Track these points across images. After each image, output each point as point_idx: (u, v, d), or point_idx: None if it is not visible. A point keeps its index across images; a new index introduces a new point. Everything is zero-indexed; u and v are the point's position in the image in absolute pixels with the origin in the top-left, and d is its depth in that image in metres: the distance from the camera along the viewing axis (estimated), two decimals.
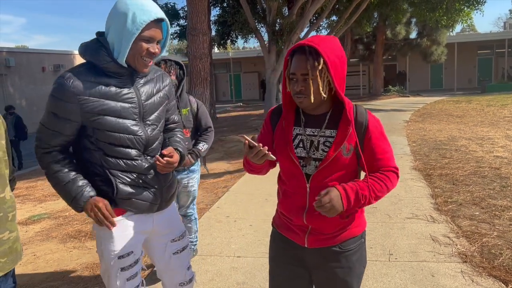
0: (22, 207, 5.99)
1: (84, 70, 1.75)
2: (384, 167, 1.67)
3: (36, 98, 22.03)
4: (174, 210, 2.16)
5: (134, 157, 1.85)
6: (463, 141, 8.85)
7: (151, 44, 1.75)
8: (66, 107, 1.72)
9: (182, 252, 2.12)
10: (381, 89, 26.90)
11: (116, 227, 1.87)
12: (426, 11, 15.81)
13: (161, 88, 1.97)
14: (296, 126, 1.72)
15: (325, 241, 1.71)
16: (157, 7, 1.74)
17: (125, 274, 1.91)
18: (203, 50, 10.30)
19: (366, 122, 1.66)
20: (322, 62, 1.55)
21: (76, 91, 1.70)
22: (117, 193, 1.85)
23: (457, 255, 3.50)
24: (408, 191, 5.44)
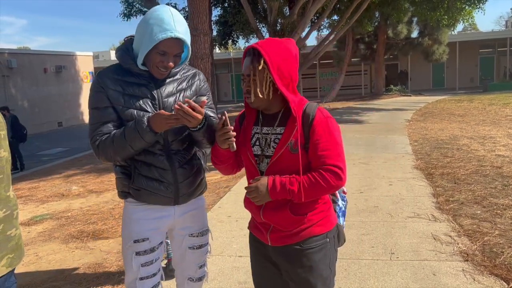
0: (24, 208, 6.01)
1: (112, 68, 1.98)
2: (324, 165, 1.63)
3: (38, 100, 22.08)
4: (200, 206, 2.20)
5: (154, 150, 1.95)
6: (464, 140, 8.84)
7: (165, 57, 1.87)
8: (101, 97, 1.91)
9: (199, 249, 2.17)
10: (383, 88, 26.86)
11: (136, 212, 2.01)
12: (427, 10, 15.78)
13: (187, 86, 2.05)
14: (255, 125, 1.81)
15: (286, 239, 1.73)
16: (178, 24, 1.83)
17: (140, 259, 1.99)
18: (204, 50, 10.31)
19: (312, 118, 1.66)
20: (263, 63, 1.61)
21: (102, 84, 1.92)
22: (133, 182, 1.97)
23: (458, 254, 3.50)
24: (409, 190, 5.44)
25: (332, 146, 1.65)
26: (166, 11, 1.86)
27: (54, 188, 7.24)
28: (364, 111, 17.19)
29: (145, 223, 2.01)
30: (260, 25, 15.94)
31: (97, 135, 1.91)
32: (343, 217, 1.90)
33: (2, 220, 1.47)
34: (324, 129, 1.66)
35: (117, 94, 1.91)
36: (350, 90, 30.61)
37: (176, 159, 1.99)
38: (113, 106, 1.92)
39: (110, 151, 1.88)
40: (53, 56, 23.65)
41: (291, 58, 1.66)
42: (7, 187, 1.51)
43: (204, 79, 2.16)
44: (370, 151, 8.34)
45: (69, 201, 6.21)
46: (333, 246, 1.78)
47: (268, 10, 14.32)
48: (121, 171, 2.02)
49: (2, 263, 1.46)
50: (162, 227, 2.07)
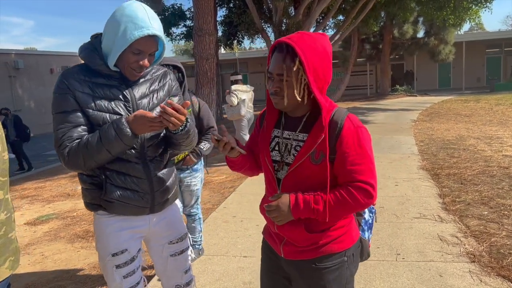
0: (30, 208, 6.04)
1: (78, 69, 1.82)
2: (353, 181, 1.48)
3: (45, 100, 22.20)
4: (174, 212, 2.11)
5: (130, 158, 1.84)
6: (471, 140, 8.77)
7: (140, 56, 1.76)
8: (67, 99, 1.76)
9: (180, 255, 2.09)
10: (389, 88, 26.76)
11: (110, 224, 1.90)
12: (434, 10, 15.71)
13: (159, 87, 1.95)
14: (276, 127, 1.66)
15: (299, 254, 1.60)
16: (153, 21, 1.73)
17: (121, 271, 1.91)
18: (210, 50, 10.34)
19: (340, 127, 1.48)
20: (298, 63, 1.44)
21: (68, 85, 1.76)
22: (105, 193, 1.84)
23: (465, 255, 3.47)
24: (415, 190, 5.41)
25: (363, 160, 1.48)
26: (139, 7, 1.73)
27: (60, 188, 7.27)
28: (369, 111, 17.13)
29: (120, 235, 1.91)
30: (265, 25, 15.94)
31: (66, 141, 1.74)
32: (369, 230, 1.75)
33: (4, 222, 1.45)
34: (354, 140, 1.48)
35: (86, 96, 1.76)
36: (356, 90, 30.52)
37: (152, 167, 1.89)
38: (82, 110, 1.77)
39: (82, 158, 1.72)
40: (59, 56, 23.81)
41: (327, 57, 1.48)
42: (6, 190, 1.50)
43: (174, 79, 2.05)
44: (376, 151, 8.25)
45: (75, 201, 6.23)
46: (351, 264, 1.62)
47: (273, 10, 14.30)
48: (90, 181, 1.87)
49: (5, 265, 1.44)
50: (138, 235, 1.99)
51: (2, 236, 1.44)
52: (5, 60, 20.14)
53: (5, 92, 19.87)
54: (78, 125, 1.76)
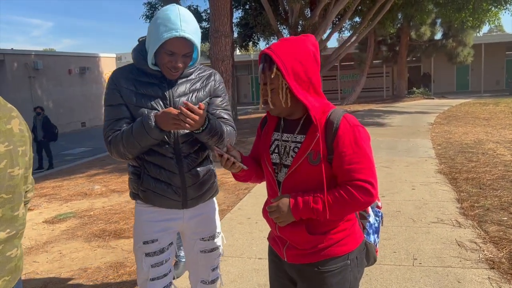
0: (48, 206, 6.14)
1: (127, 68, 2.00)
2: (351, 180, 1.47)
3: (63, 100, 22.59)
4: (211, 210, 2.17)
5: (165, 153, 1.93)
6: (490, 144, 8.62)
7: (173, 57, 1.84)
8: (114, 94, 1.93)
9: (210, 252, 2.16)
10: (405, 91, 26.50)
11: (145, 213, 2.02)
12: (452, 12, 15.50)
13: (201, 87, 2.02)
14: (276, 131, 1.69)
15: (302, 258, 1.59)
16: (185, 23, 1.79)
17: (149, 260, 2.00)
18: (225, 52, 10.37)
19: (336, 127, 1.49)
20: (276, 69, 1.48)
21: (116, 81, 1.94)
22: (142, 183, 1.97)
23: (484, 261, 3.41)
24: (433, 195, 5.34)
25: (361, 159, 1.48)
26: (174, 10, 1.81)
27: (77, 187, 7.37)
28: (385, 113, 16.97)
29: (154, 224, 2.01)
30: (281, 27, 15.94)
31: (110, 132, 1.91)
32: (375, 234, 1.72)
33: (3, 241, 1.39)
34: (350, 139, 1.48)
35: (130, 92, 1.92)
36: (372, 92, 30.30)
37: (186, 163, 1.96)
38: (126, 104, 1.92)
39: (120, 147, 1.87)
40: (77, 57, 24.20)
41: (308, 58, 1.50)
42: (16, 207, 1.43)
43: (220, 80, 2.11)
44: (392, 155, 8.22)
45: (92, 200, 6.31)
46: (355, 268, 1.60)
47: (289, 11, 14.30)
48: (132, 171, 2.03)
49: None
50: (171, 229, 2.06)
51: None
52: (25, 61, 20.55)
53: (25, 92, 20.27)
54: (122, 118, 1.92)
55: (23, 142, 1.43)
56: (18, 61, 20.26)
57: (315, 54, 1.53)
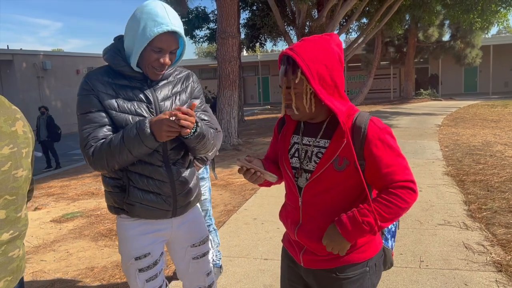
0: (56, 205, 6.18)
1: (102, 71, 1.83)
2: (392, 183, 1.42)
3: (71, 100, 22.73)
4: (197, 214, 2.10)
5: (154, 161, 1.83)
6: (498, 146, 8.56)
7: (161, 54, 1.75)
8: (91, 100, 1.77)
9: (202, 257, 2.09)
10: (413, 92, 26.38)
11: (132, 228, 1.90)
12: (460, 13, 15.40)
13: (181, 89, 1.94)
14: (295, 134, 1.62)
15: (319, 263, 1.56)
16: (173, 18, 1.72)
17: (143, 275, 1.90)
18: (232, 53, 10.39)
19: (364, 131, 1.44)
20: (300, 74, 1.41)
21: (92, 86, 1.78)
22: (128, 196, 1.84)
23: (491, 264, 3.38)
24: (440, 197, 5.31)
25: (396, 160, 1.44)
26: (158, 5, 1.72)
27: (85, 186, 7.42)
28: (393, 115, 16.91)
29: (143, 238, 1.90)
30: (288, 27, 15.93)
31: (92, 141, 1.74)
32: (392, 238, 1.69)
33: (6, 242, 1.40)
34: (382, 142, 1.44)
35: (110, 98, 1.77)
36: (379, 94, 30.19)
37: (175, 170, 1.87)
38: (106, 111, 1.77)
39: (106, 158, 1.71)
40: (85, 57, 24.35)
41: (333, 60, 1.43)
42: (19, 208, 1.43)
43: (197, 81, 2.02)
44: None
45: (99, 200, 6.35)
46: (374, 275, 1.57)
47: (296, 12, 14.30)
48: (113, 184, 1.86)
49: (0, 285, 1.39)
50: (161, 238, 1.98)
51: (1, 255, 1.39)
52: (34, 61, 20.72)
53: (33, 92, 20.43)
54: (103, 125, 1.77)
55: (27, 144, 1.44)
56: (27, 61, 20.43)
57: (340, 55, 1.46)
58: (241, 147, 10.52)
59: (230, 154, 9.55)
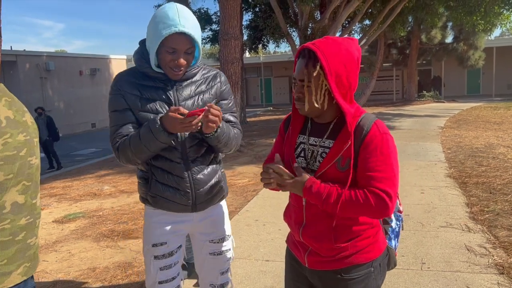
0: (58, 206, 6.20)
1: (129, 72, 1.97)
2: (370, 186, 1.41)
3: (73, 101, 22.80)
4: (220, 212, 2.14)
5: (173, 158, 1.91)
6: (501, 148, 8.53)
7: (175, 55, 1.81)
8: (119, 99, 1.91)
9: (219, 255, 2.12)
10: (415, 94, 26.33)
11: (154, 216, 2.01)
12: (463, 15, 15.35)
13: (206, 89, 1.98)
14: (301, 134, 1.62)
15: (324, 264, 1.56)
16: (184, 19, 1.77)
17: (158, 262, 2.00)
18: (235, 54, 10.40)
19: (365, 133, 1.45)
20: (319, 68, 1.42)
21: (119, 86, 1.92)
22: (150, 189, 1.95)
23: (493, 266, 3.37)
24: (442, 199, 5.30)
25: (384, 167, 1.42)
26: (172, 7, 1.79)
27: (87, 187, 7.44)
28: (395, 117, 16.89)
29: (163, 227, 2.00)
30: (290, 29, 15.94)
31: (117, 137, 1.88)
32: (396, 239, 1.70)
33: (25, 228, 1.46)
34: (377, 146, 1.43)
35: (134, 97, 1.89)
36: (381, 96, 30.15)
37: (194, 167, 1.94)
38: (131, 109, 1.90)
39: (128, 153, 1.85)
40: (88, 59, 24.43)
41: (352, 63, 1.44)
42: (33, 194, 1.49)
43: (225, 81, 2.07)
44: (401, 158, 8.17)
45: (101, 200, 6.36)
46: (378, 275, 1.58)
47: (299, 14, 14.30)
48: (141, 175, 2.01)
49: (18, 271, 1.44)
50: (181, 231, 2.05)
51: (20, 241, 1.45)
52: (37, 62, 20.78)
53: (36, 92, 20.49)
54: (128, 123, 1.90)
55: (35, 134, 1.50)
56: (30, 62, 20.50)
57: (359, 60, 1.47)
58: (243, 148, 10.52)
59: (232, 155, 9.55)
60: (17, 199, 1.41)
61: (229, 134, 1.92)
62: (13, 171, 1.38)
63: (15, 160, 1.38)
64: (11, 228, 1.41)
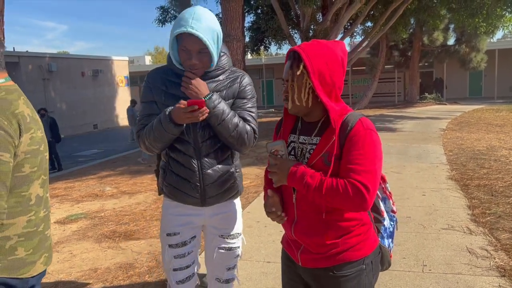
0: (60, 207, 6.21)
1: (163, 68, 2.12)
2: (350, 178, 1.44)
3: (76, 102, 22.85)
4: (233, 209, 2.21)
5: (187, 152, 2.03)
6: (503, 151, 8.52)
7: (188, 55, 1.91)
8: (148, 92, 2.08)
9: (228, 251, 2.19)
10: (417, 96, 26.30)
11: (170, 207, 2.16)
12: (465, 17, 15.36)
13: (224, 88, 2.06)
14: (292, 133, 1.68)
15: (316, 262, 1.59)
16: (195, 21, 1.85)
17: (172, 251, 2.13)
18: (237, 56, 10.42)
19: (350, 128, 1.49)
20: (302, 68, 1.49)
21: (149, 80, 2.09)
22: (166, 178, 2.10)
23: (495, 268, 3.37)
24: (443, 201, 5.29)
25: (363, 161, 1.45)
26: (191, 10, 1.90)
27: (89, 188, 7.45)
28: (397, 119, 16.87)
29: (177, 218, 2.13)
30: (292, 31, 15.96)
31: (140, 126, 2.05)
32: (389, 238, 1.72)
33: (43, 220, 1.53)
34: (359, 140, 1.47)
35: (160, 91, 2.03)
36: (383, 98, 30.13)
37: (205, 162, 2.03)
38: (156, 102, 2.05)
39: (145, 141, 2.00)
40: (91, 60, 24.48)
41: (336, 62, 1.51)
42: (47, 188, 1.58)
43: (247, 83, 2.13)
44: (402, 160, 8.17)
45: (103, 201, 6.37)
46: (370, 272, 1.60)
47: (301, 16, 14.32)
48: (161, 165, 2.17)
49: (40, 260, 1.51)
50: (193, 224, 2.15)
51: (40, 232, 1.52)
52: (40, 63, 20.85)
53: (39, 94, 20.54)
54: (152, 114, 2.04)
55: (42, 129, 1.59)
56: (33, 63, 20.57)
57: (343, 60, 1.53)
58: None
59: None
60: (38, 192, 1.50)
61: (230, 118, 1.97)
62: (37, 164, 1.47)
63: (38, 154, 1.48)
64: (35, 219, 1.49)
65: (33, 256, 1.48)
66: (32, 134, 1.45)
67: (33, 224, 1.48)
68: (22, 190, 1.43)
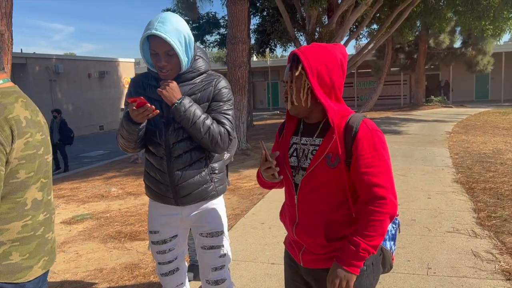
0: (66, 207, 6.25)
1: (144, 74, 2.22)
2: (368, 187, 1.47)
3: (82, 104, 22.96)
4: (212, 208, 2.22)
5: (158, 153, 2.12)
6: (509, 154, 8.48)
7: (157, 57, 1.98)
8: (128, 96, 2.14)
9: (210, 250, 2.22)
10: (423, 99, 26.19)
11: (152, 207, 2.28)
12: (472, 20, 15.27)
13: (199, 92, 2.10)
14: (294, 135, 1.71)
15: (318, 263, 1.61)
16: (161, 24, 1.91)
17: (154, 247, 2.27)
18: (242, 58, 10.45)
19: (356, 131, 1.50)
20: (301, 69, 1.53)
21: (131, 85, 2.21)
22: (144, 178, 2.25)
23: (500, 272, 3.36)
24: (449, 204, 5.28)
25: (378, 163, 1.49)
26: (158, 15, 1.98)
27: (95, 189, 7.49)
28: (402, 121, 16.82)
29: (157, 218, 2.25)
30: (298, 33, 15.97)
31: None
32: (391, 241, 1.71)
33: (43, 223, 1.52)
34: (369, 143, 1.49)
35: (139, 95, 2.09)
36: (389, 100, 30.04)
37: (176, 163, 2.09)
38: None
39: (119, 140, 2.12)
40: (97, 62, 24.57)
41: (335, 64, 1.53)
42: (49, 191, 1.57)
43: (222, 86, 2.13)
44: (408, 163, 8.15)
45: (108, 202, 6.41)
46: (371, 274, 1.60)
47: (306, 18, 14.32)
48: (144, 166, 2.28)
49: (38, 264, 1.50)
50: (172, 223, 2.23)
51: (40, 236, 1.51)
52: (47, 65, 20.98)
53: (45, 95, 20.68)
54: None
55: (48, 132, 1.58)
56: (40, 65, 20.70)
57: (342, 62, 1.56)
58: (250, 151, 10.55)
59: (238, 158, 9.58)
60: (36, 196, 1.49)
61: (201, 120, 2.00)
62: (34, 169, 1.45)
63: (35, 158, 1.45)
64: (32, 224, 1.48)
65: (30, 261, 1.47)
66: (27, 139, 1.41)
67: (29, 228, 1.46)
68: (17, 196, 1.41)
